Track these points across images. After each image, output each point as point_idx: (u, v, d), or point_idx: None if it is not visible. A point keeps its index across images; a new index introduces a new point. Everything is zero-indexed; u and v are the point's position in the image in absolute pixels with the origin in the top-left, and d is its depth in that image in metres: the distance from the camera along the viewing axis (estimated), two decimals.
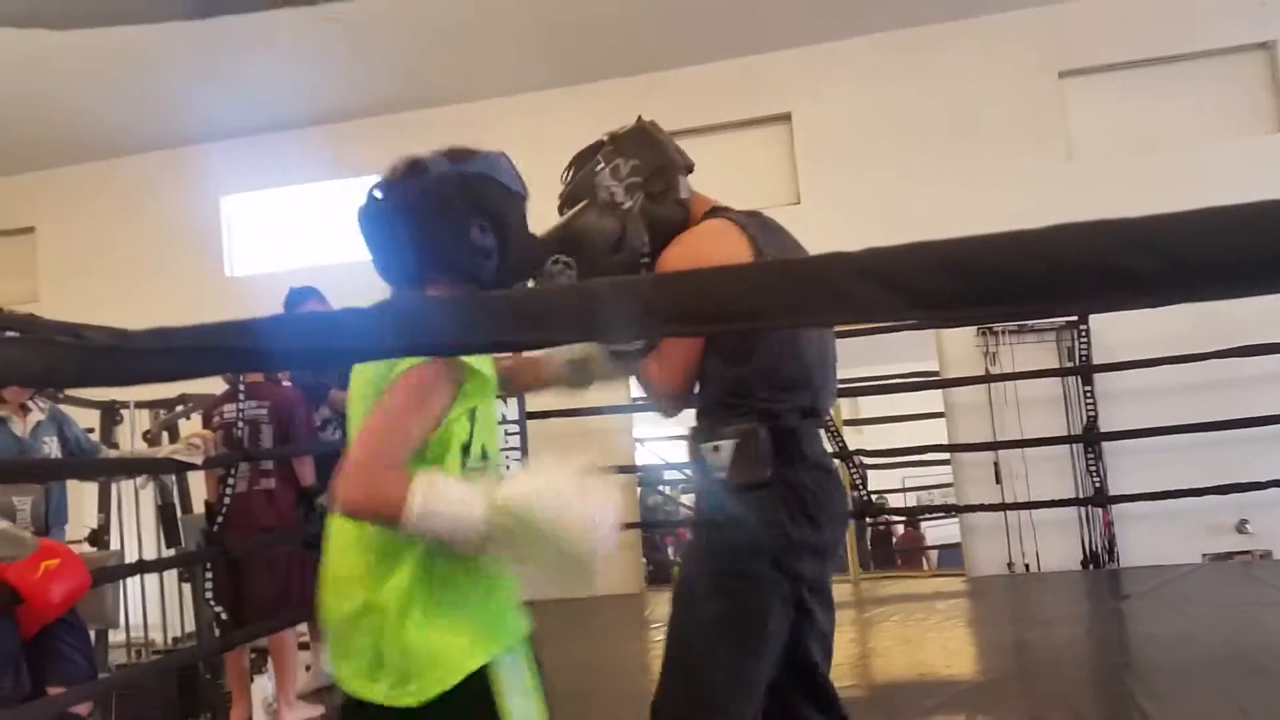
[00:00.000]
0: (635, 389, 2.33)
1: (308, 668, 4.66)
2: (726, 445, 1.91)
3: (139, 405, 5.96)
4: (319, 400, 4.48)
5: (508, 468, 1.88)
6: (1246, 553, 6.05)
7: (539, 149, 7.34)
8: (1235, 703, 3.38)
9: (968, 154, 6.72)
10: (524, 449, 6.09)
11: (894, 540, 7.45)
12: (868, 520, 6.88)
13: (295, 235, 8.09)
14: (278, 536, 4.14)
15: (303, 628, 4.63)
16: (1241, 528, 6.10)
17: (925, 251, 0.82)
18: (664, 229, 2.07)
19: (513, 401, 6.07)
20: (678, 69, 7.26)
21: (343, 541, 1.64)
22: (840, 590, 6.24)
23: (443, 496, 1.44)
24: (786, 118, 7.22)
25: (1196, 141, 6.47)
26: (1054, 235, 0.85)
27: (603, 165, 2.12)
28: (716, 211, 2.09)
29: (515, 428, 6.14)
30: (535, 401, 6.27)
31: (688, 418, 2.10)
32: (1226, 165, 6.15)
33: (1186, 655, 4.05)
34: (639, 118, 2.20)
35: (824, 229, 4.66)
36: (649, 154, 2.12)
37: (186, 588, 5.89)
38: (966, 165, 6.70)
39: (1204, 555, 6.08)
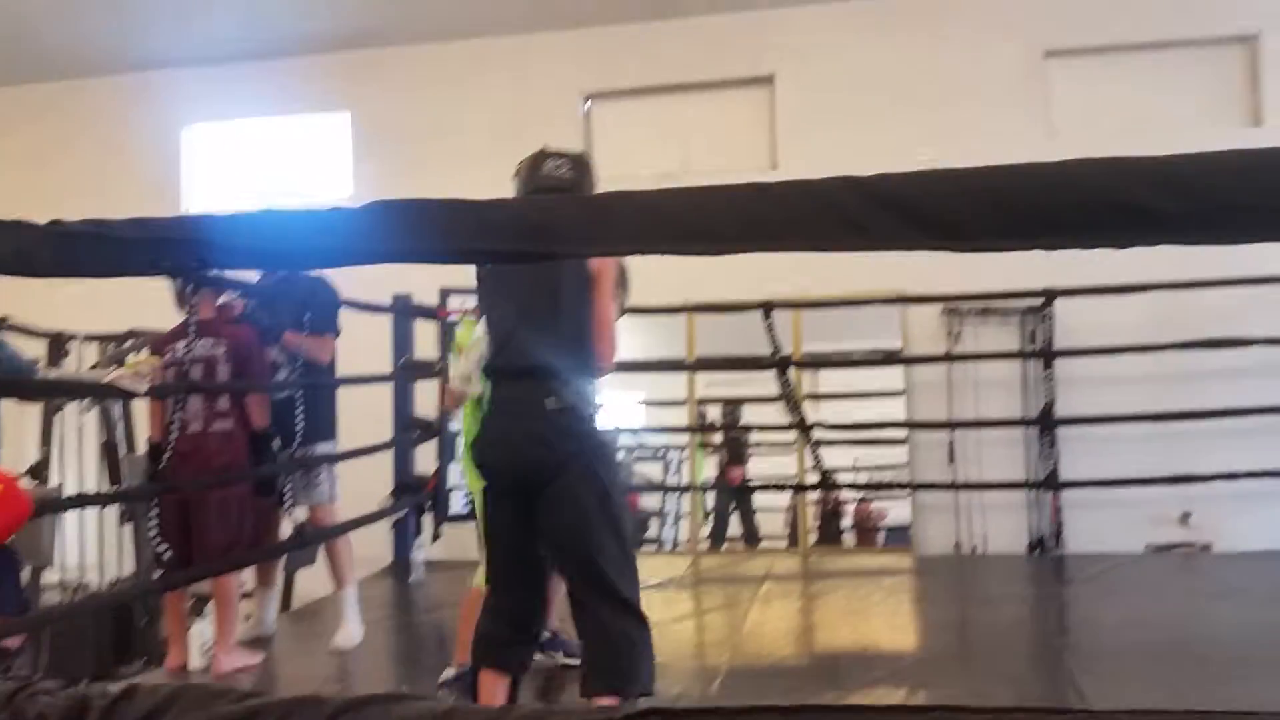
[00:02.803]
0: None
1: (247, 617, 4.57)
2: None
3: (87, 338, 5.80)
4: (272, 342, 4.36)
5: None
6: (1188, 545, 6.14)
7: (519, 92, 7.29)
8: (1172, 687, 3.44)
9: (950, 128, 6.69)
10: None
11: (841, 518, 7.44)
12: (816, 496, 6.87)
13: (257, 170, 7.91)
14: (230, 477, 4.04)
15: (247, 575, 4.55)
16: (1185, 520, 6.19)
17: (942, 179, 0.77)
18: None
19: None
20: (663, 21, 7.15)
21: None
22: (787, 563, 6.31)
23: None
24: (769, 80, 7.16)
25: (1176, 130, 6.47)
26: (1076, 169, 0.81)
27: None
28: None
29: None
30: None
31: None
32: None
33: (1126, 640, 4.12)
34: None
35: None
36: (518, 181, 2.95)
37: (126, 530, 5.78)
38: (948, 139, 6.65)
39: (1146, 545, 6.16)
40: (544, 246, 0.81)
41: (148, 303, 4.80)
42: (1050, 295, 6.10)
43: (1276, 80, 6.47)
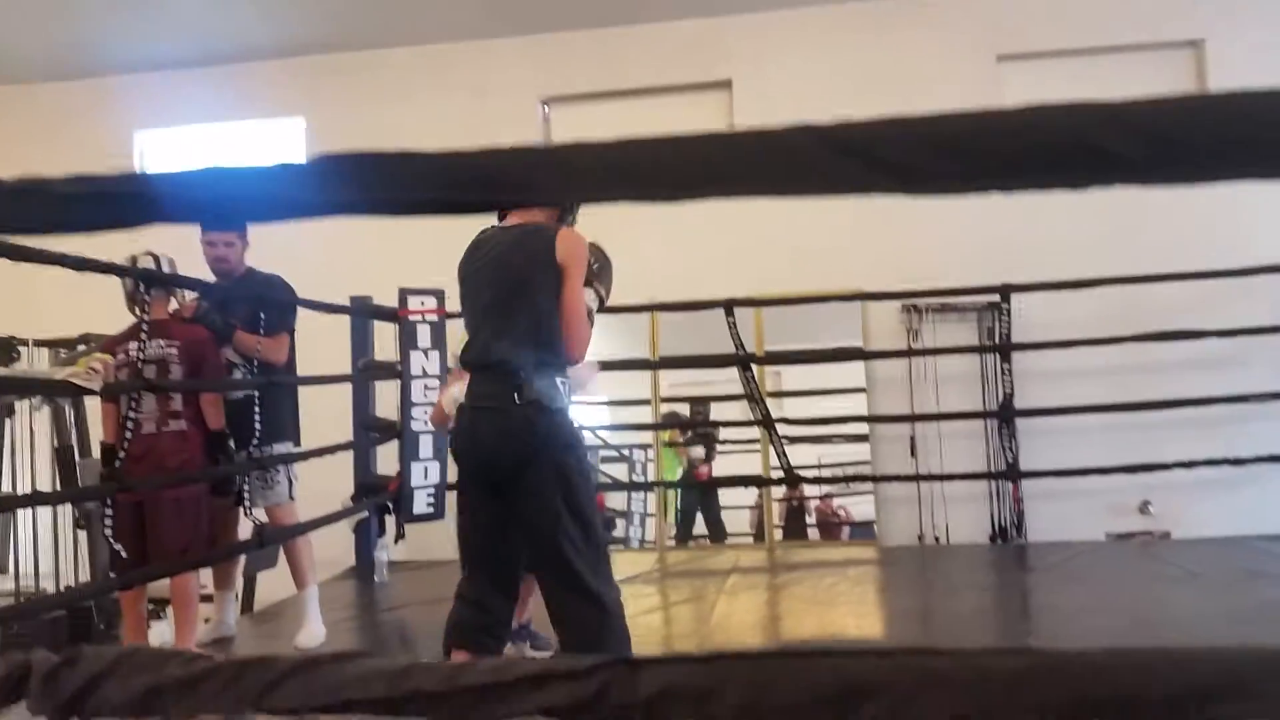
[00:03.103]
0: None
1: (206, 620, 4.50)
2: None
3: (38, 343, 5.70)
4: (225, 342, 4.28)
5: None
6: (1147, 533, 6.23)
7: (476, 98, 7.24)
8: None
9: None
10: None
11: (806, 514, 7.48)
12: (781, 493, 6.89)
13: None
14: (184, 477, 3.97)
15: (205, 578, 4.47)
16: (1144, 509, 6.28)
17: (902, 126, 0.77)
18: None
19: None
20: (622, 26, 7.16)
21: None
22: (753, 557, 6.32)
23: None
24: (727, 85, 7.18)
25: None
26: (1033, 114, 0.81)
27: None
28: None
29: None
30: None
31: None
32: None
33: (1088, 627, 4.15)
34: None
35: (755, 200, 4.65)
36: None
37: (82, 536, 5.67)
38: None
39: (1106, 534, 6.25)
40: (502, 195, 0.80)
41: (100, 307, 4.72)
42: (1007, 291, 6.18)
43: (1221, 82, 6.58)
